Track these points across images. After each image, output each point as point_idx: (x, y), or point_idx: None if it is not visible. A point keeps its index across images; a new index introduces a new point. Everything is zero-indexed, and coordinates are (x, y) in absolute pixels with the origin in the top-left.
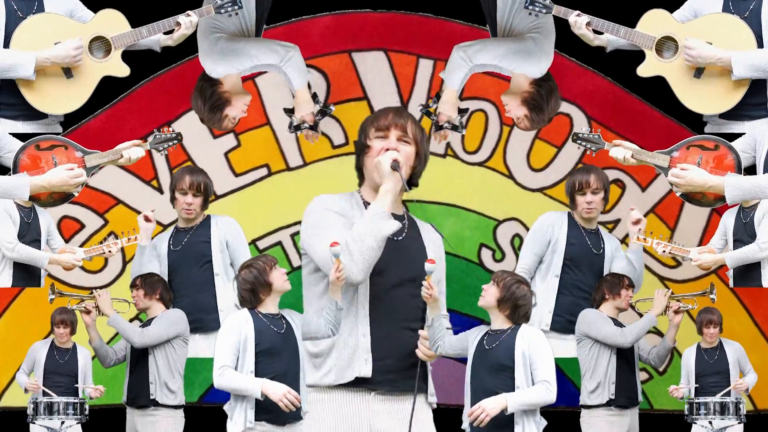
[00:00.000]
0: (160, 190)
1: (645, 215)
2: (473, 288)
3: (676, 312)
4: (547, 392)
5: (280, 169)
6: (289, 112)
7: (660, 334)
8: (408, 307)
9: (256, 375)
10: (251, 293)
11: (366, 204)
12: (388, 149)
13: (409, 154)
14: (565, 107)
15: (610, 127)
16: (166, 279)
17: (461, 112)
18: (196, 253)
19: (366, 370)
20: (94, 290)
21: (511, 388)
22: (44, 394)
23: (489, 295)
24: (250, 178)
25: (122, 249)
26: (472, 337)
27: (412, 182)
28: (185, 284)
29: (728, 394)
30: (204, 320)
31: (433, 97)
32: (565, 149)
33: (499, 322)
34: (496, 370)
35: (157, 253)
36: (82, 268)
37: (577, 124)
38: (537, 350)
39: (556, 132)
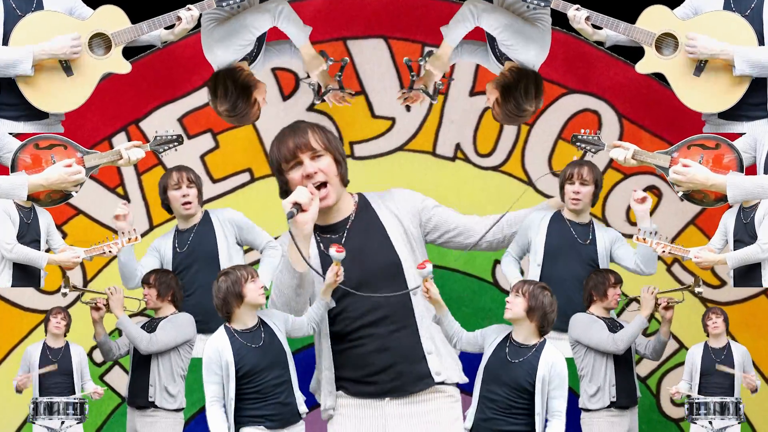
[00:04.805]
0: (126, 198)
1: (684, 227)
2: (487, 311)
3: (666, 308)
4: (563, 428)
5: (264, 174)
6: (306, 79)
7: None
8: (385, 310)
9: (245, 394)
10: (222, 302)
11: (316, 228)
12: (307, 175)
13: (329, 165)
14: (592, 103)
15: (644, 125)
16: None
17: (446, 78)
18: (203, 253)
19: (330, 402)
20: (108, 287)
21: (523, 406)
22: (42, 392)
23: (516, 306)
24: (230, 185)
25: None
26: (491, 339)
27: (344, 182)
28: (192, 285)
29: (732, 390)
30: (210, 322)
31: (423, 56)
32: None
33: (525, 334)
34: (514, 388)
35: (160, 256)
36: (39, 289)
37: (606, 121)
38: (556, 377)
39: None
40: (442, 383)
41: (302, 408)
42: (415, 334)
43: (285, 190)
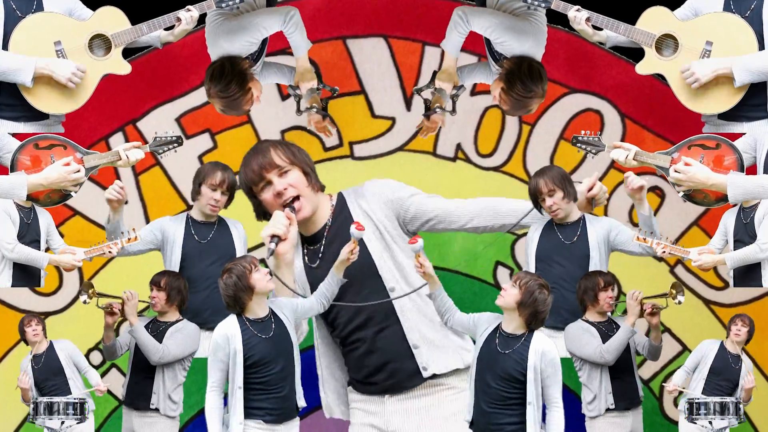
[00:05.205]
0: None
1: (687, 228)
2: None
3: (651, 314)
4: (561, 416)
5: None
6: (294, 89)
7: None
8: (367, 312)
9: (249, 384)
10: (233, 299)
11: (301, 238)
12: (278, 193)
13: (298, 179)
14: (595, 102)
15: (646, 125)
16: (177, 268)
17: (457, 88)
18: (221, 250)
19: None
20: (124, 292)
21: (518, 397)
22: (40, 389)
23: (509, 296)
24: None
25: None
26: (482, 328)
27: (317, 189)
28: (201, 279)
29: (733, 392)
30: (215, 321)
31: (429, 82)
32: None
33: (514, 324)
34: (506, 379)
35: (167, 239)
36: (35, 291)
37: (608, 121)
38: (548, 366)
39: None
40: (434, 376)
41: (301, 402)
42: (400, 331)
43: (261, 212)
